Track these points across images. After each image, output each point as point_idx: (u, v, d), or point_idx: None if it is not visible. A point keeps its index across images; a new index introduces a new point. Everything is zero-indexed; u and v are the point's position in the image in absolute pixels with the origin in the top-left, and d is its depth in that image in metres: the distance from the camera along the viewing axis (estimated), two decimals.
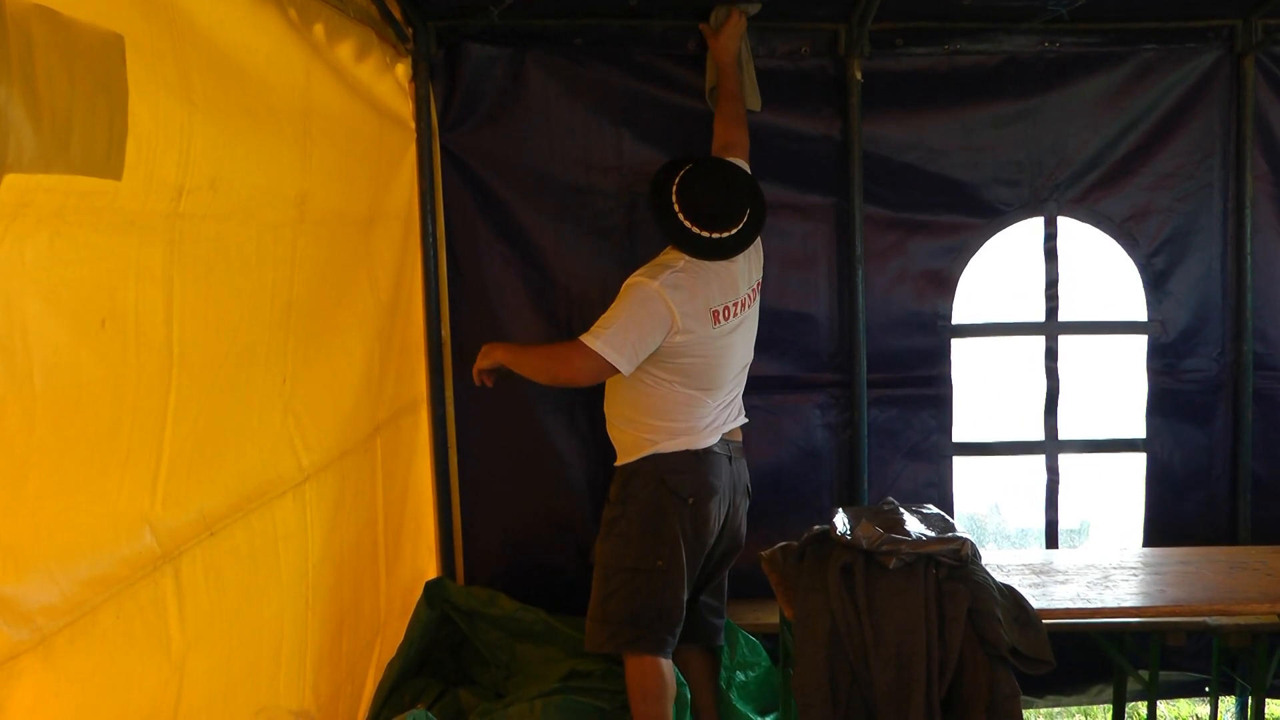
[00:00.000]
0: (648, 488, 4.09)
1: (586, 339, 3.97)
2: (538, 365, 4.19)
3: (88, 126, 2.00)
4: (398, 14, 4.36)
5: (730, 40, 4.56)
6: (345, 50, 3.77)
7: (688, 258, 4.10)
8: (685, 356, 4.06)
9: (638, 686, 4.06)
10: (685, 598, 4.12)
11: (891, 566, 3.53)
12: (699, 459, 4.12)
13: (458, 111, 4.80)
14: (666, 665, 4.09)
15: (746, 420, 4.38)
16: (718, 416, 4.19)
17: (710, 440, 4.15)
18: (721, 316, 4.10)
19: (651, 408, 4.12)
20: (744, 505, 4.33)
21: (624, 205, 4.85)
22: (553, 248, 4.86)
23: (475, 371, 4.27)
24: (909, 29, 4.86)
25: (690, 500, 4.07)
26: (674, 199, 4.10)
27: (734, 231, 4.09)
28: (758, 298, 4.34)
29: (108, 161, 2.08)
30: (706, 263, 4.09)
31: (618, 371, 3.99)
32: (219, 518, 2.76)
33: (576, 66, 4.82)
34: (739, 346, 4.24)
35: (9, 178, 1.79)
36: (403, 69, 4.59)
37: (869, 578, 3.55)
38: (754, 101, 4.70)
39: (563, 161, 4.84)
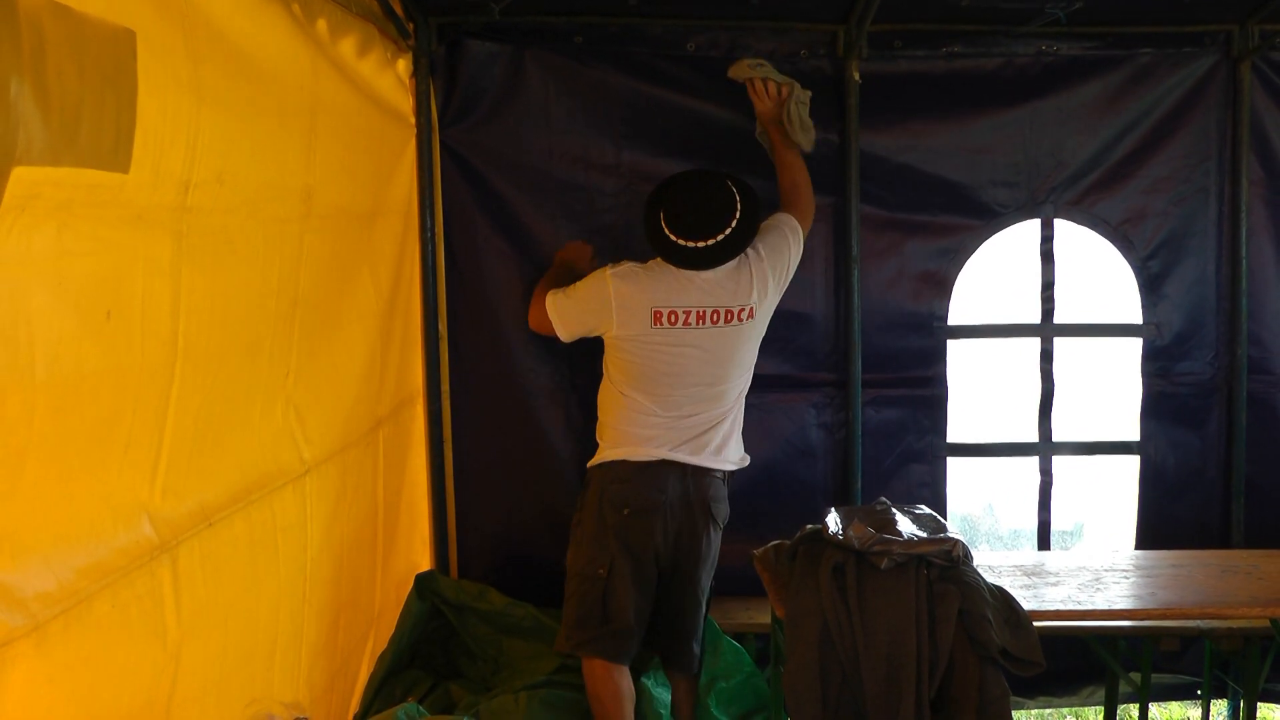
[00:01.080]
0: (595, 496, 4.17)
1: (550, 291, 4.30)
2: (531, 309, 4.48)
3: (96, 120, 2.02)
4: (399, 10, 4.37)
5: (758, 100, 4.54)
6: (348, 46, 3.78)
7: (642, 265, 4.18)
8: (623, 352, 4.15)
9: (590, 689, 4.12)
10: (634, 609, 4.09)
11: (883, 567, 3.55)
12: (638, 471, 4.10)
13: (458, 108, 4.82)
14: (619, 671, 4.09)
15: (731, 467, 4.27)
16: (667, 433, 4.12)
17: (654, 454, 4.09)
18: (665, 319, 4.07)
19: (607, 410, 4.24)
20: (707, 532, 4.18)
21: (622, 203, 4.86)
22: (550, 244, 4.87)
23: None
24: (907, 31, 4.88)
25: (625, 511, 4.07)
26: (660, 207, 4.14)
27: (713, 241, 4.07)
28: (747, 322, 4.21)
29: (115, 155, 2.10)
30: (677, 267, 4.12)
31: (556, 335, 4.31)
32: (218, 509, 2.77)
33: (576, 64, 4.83)
34: (695, 361, 4.12)
35: (18, 170, 1.80)
36: (403, 65, 4.60)
37: (860, 578, 3.57)
38: (803, 142, 4.63)
39: (561, 159, 4.86)
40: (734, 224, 4.09)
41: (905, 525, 3.73)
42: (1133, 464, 5.23)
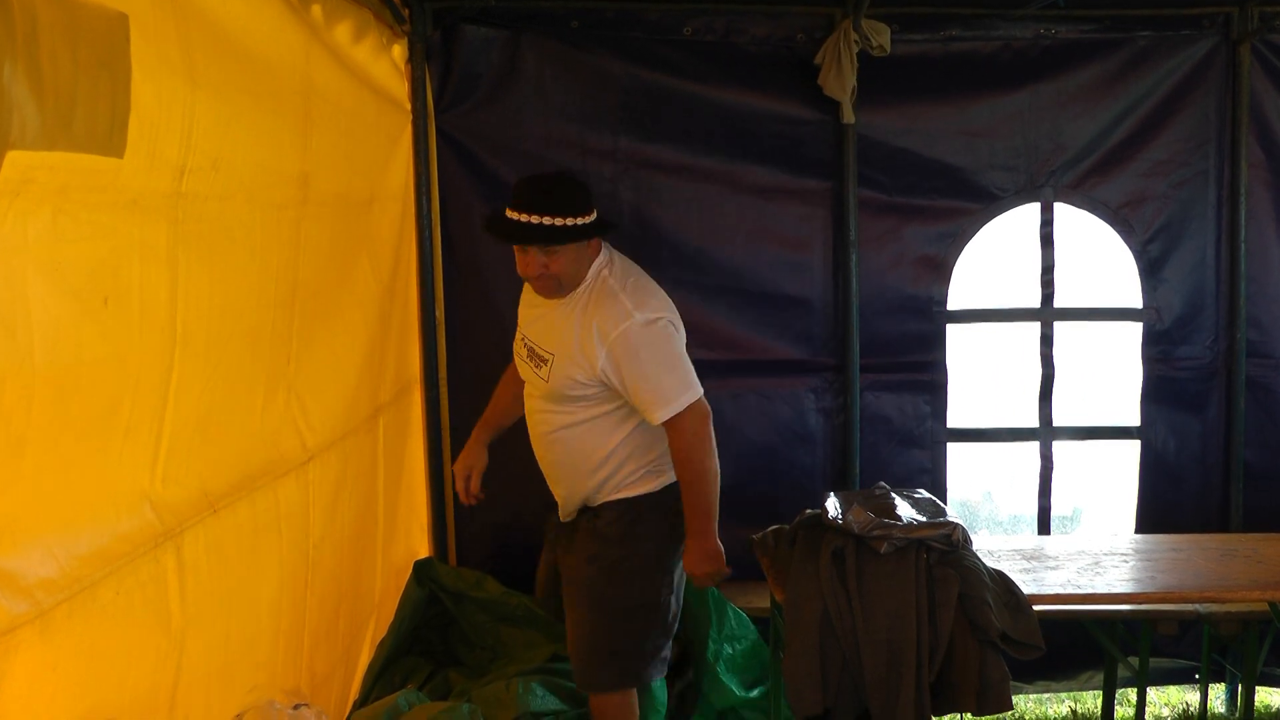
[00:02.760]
0: (664, 520, 3.70)
1: (681, 404, 3.51)
2: (705, 478, 3.59)
3: (90, 105, 2.01)
4: None
5: None
6: (343, 31, 3.77)
7: (633, 279, 3.65)
8: None
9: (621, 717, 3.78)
10: None
11: (883, 551, 3.55)
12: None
13: (454, 93, 4.81)
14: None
15: None
16: None
17: None
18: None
19: (649, 444, 3.68)
20: None
21: (619, 188, 4.86)
22: None
23: (709, 577, 3.66)
24: (904, 14, 4.86)
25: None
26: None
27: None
28: None
29: (110, 140, 2.09)
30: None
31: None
32: (221, 495, 2.77)
33: (572, 49, 4.82)
34: None
35: (12, 155, 1.79)
36: (399, 50, 4.59)
37: (860, 562, 3.56)
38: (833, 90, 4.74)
39: (558, 144, 4.85)
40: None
41: (905, 510, 3.73)
42: (1133, 449, 5.23)
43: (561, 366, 3.58)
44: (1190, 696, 5.42)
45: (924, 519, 3.66)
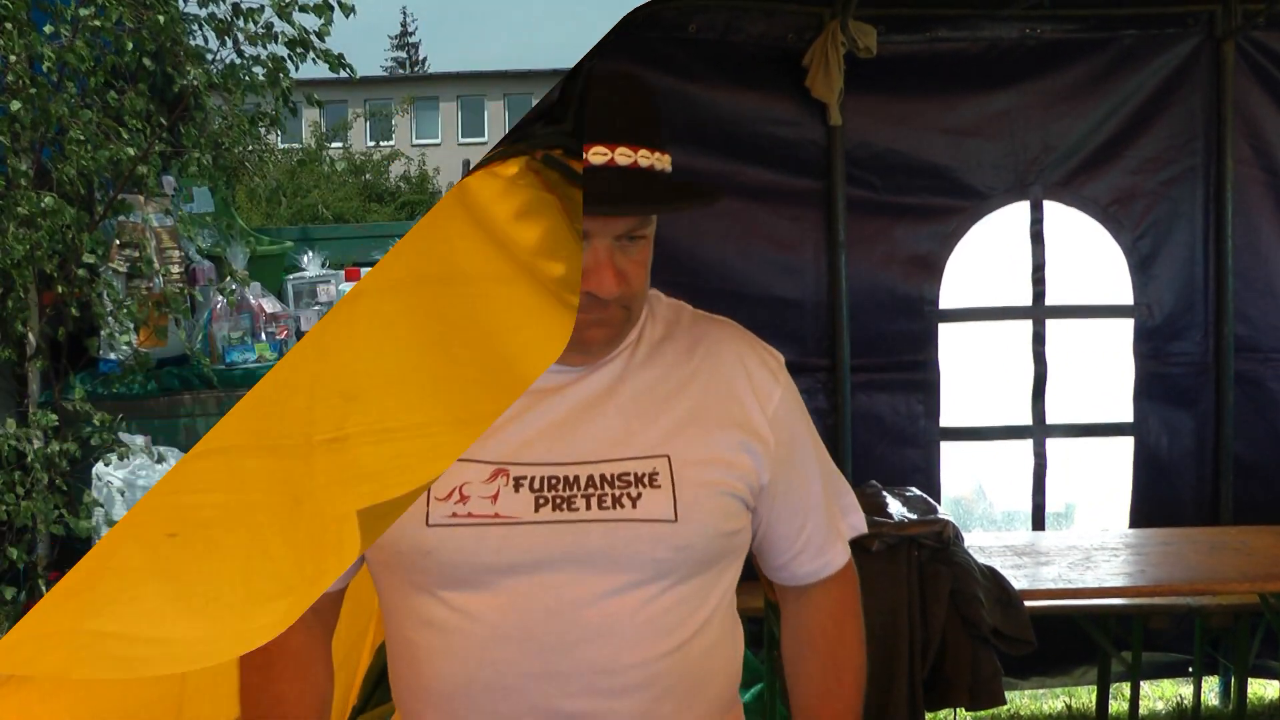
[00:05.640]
0: None
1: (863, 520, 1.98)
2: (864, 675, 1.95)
3: None
4: None
5: None
6: None
7: None
8: None
9: None
10: None
11: (874, 549, 3.57)
12: None
13: None
14: None
15: None
16: None
17: None
18: None
19: None
20: None
21: None
22: None
23: None
24: (890, 16, 4.88)
25: None
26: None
27: None
28: None
29: None
30: None
31: None
32: None
33: None
34: None
35: None
36: None
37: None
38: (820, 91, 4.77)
39: None
40: None
41: (895, 507, 3.76)
42: (1126, 445, 5.24)
43: (697, 475, 1.65)
44: (1184, 690, 5.44)
45: (915, 516, 3.69)
